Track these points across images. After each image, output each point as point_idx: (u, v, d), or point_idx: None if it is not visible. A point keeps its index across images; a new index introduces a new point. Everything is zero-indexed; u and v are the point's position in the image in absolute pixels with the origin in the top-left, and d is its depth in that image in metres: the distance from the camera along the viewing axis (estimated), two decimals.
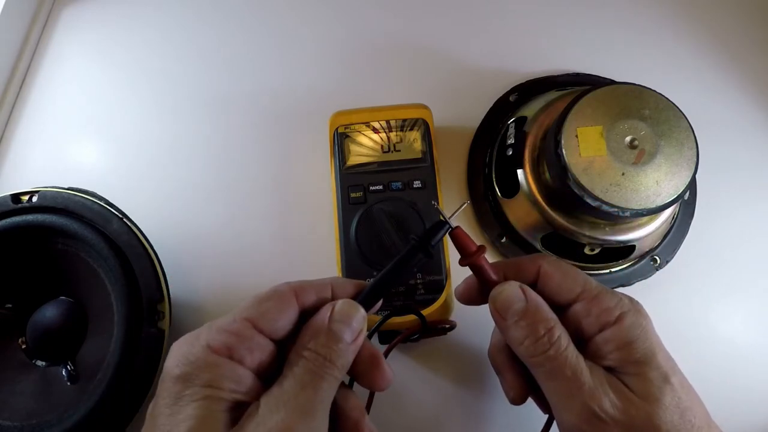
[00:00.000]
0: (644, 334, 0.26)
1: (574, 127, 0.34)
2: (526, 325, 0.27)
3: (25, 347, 0.36)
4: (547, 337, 0.26)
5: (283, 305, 0.26)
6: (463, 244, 0.29)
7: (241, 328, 0.24)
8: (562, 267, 0.29)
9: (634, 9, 0.49)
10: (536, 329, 0.26)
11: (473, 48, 0.47)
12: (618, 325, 0.26)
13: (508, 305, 0.27)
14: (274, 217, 0.43)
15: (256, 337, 0.24)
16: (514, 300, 0.27)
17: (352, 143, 0.39)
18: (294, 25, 0.49)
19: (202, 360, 0.23)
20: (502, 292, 0.28)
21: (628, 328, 0.26)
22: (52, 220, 0.35)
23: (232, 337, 0.24)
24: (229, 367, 0.23)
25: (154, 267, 0.35)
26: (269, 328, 0.25)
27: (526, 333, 0.27)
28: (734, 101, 0.46)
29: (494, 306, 0.28)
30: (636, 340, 0.26)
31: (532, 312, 0.27)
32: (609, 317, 0.27)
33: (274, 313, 0.25)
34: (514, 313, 0.27)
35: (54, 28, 0.50)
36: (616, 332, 0.26)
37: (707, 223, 0.42)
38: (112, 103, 0.47)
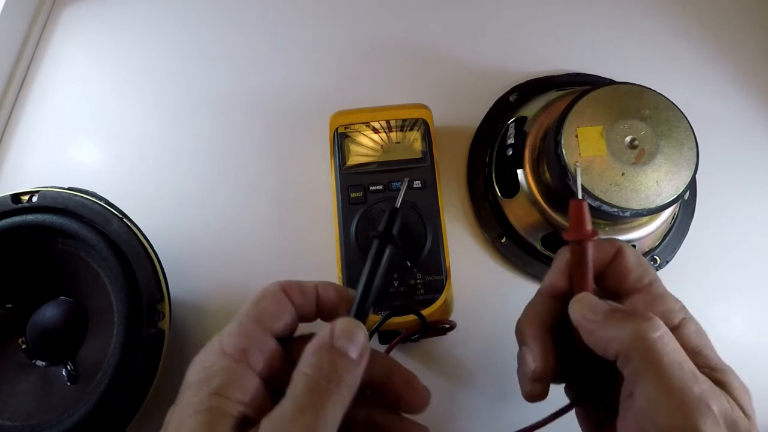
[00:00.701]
0: (710, 345, 0.26)
1: (574, 127, 0.34)
2: (623, 316, 0.24)
3: (25, 347, 0.36)
4: (657, 321, 0.23)
5: (278, 301, 0.25)
6: (583, 221, 0.26)
7: (250, 329, 0.24)
8: (639, 255, 0.28)
9: (634, 9, 0.49)
10: (642, 313, 0.24)
11: (473, 48, 0.48)
12: (683, 329, 0.25)
13: (595, 306, 0.25)
14: (274, 216, 0.43)
15: (263, 336, 0.24)
16: (598, 302, 0.26)
17: (352, 143, 0.39)
18: (294, 25, 0.49)
19: (217, 364, 0.23)
20: (585, 296, 0.26)
21: (695, 333, 0.25)
22: (52, 220, 0.35)
23: (243, 338, 0.24)
24: (240, 372, 0.23)
25: (154, 267, 0.35)
26: (274, 326, 0.25)
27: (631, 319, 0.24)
28: (734, 101, 0.46)
29: (581, 309, 0.26)
30: (706, 346, 0.25)
31: (622, 309, 0.25)
32: (672, 319, 0.25)
33: (273, 308, 0.25)
34: (604, 311, 0.25)
35: (54, 28, 0.51)
36: (685, 336, 0.25)
37: (707, 223, 0.42)
38: (112, 103, 0.47)
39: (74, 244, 0.36)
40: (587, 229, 0.26)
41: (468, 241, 0.42)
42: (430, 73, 0.47)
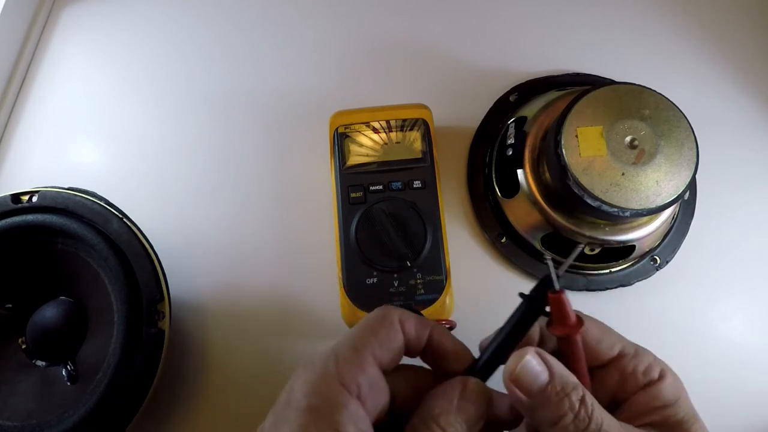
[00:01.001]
0: (685, 394, 0.25)
1: (574, 127, 0.34)
2: (558, 401, 0.23)
3: (25, 347, 0.36)
4: (584, 410, 0.23)
5: (394, 333, 0.24)
6: (566, 313, 0.25)
7: (366, 363, 0.23)
8: (599, 324, 0.27)
9: (634, 9, 0.49)
10: (571, 402, 0.23)
11: (473, 48, 0.48)
12: (661, 382, 0.25)
13: (532, 380, 0.24)
14: (275, 216, 0.43)
15: (377, 373, 0.23)
16: (536, 373, 0.24)
17: (352, 143, 0.39)
18: (294, 25, 0.49)
19: (334, 397, 0.21)
20: (522, 368, 0.24)
21: (671, 386, 0.25)
22: (52, 220, 0.35)
23: (360, 373, 0.22)
24: (356, 412, 0.22)
25: (154, 267, 0.35)
26: (385, 360, 0.23)
27: (560, 410, 0.23)
28: (734, 101, 0.46)
29: (516, 386, 0.24)
30: (679, 399, 0.25)
31: (558, 380, 0.23)
32: (652, 374, 0.25)
33: (388, 341, 0.24)
34: (540, 389, 0.23)
35: (54, 28, 0.51)
36: (661, 390, 0.25)
37: (707, 223, 0.42)
38: (112, 103, 0.47)
39: (74, 244, 0.36)
40: (573, 321, 0.25)
41: (468, 241, 0.42)
42: (430, 73, 0.47)
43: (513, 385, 0.24)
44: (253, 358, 0.40)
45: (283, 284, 0.41)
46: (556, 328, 0.25)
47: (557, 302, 0.25)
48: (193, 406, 0.39)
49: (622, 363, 0.26)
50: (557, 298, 0.24)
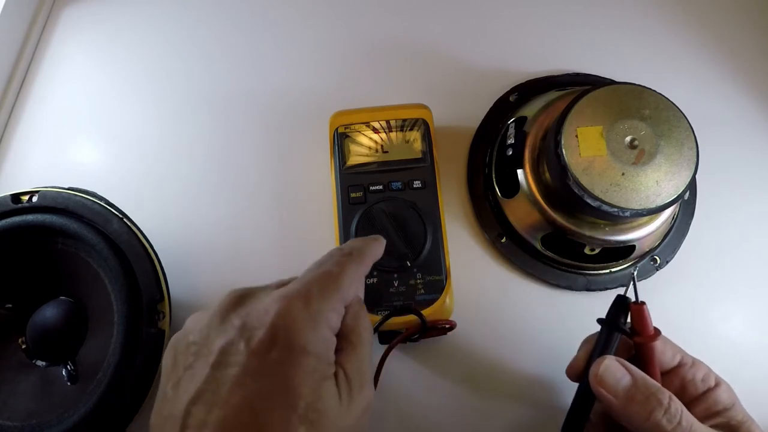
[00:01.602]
0: (738, 400, 0.28)
1: (574, 127, 0.34)
2: (644, 399, 0.26)
3: (25, 347, 0.36)
4: (674, 407, 0.26)
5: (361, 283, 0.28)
6: (643, 324, 0.29)
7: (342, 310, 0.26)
8: (662, 336, 0.30)
9: (634, 9, 0.49)
10: (659, 399, 0.26)
11: (473, 48, 0.47)
12: (718, 389, 0.28)
13: (615, 382, 0.27)
14: (274, 216, 0.43)
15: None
16: (618, 376, 0.27)
17: (352, 143, 0.39)
18: (294, 25, 0.49)
19: (330, 343, 0.24)
20: (604, 371, 0.27)
21: (727, 392, 0.28)
22: (52, 220, 0.35)
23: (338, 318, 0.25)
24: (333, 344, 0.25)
25: (154, 267, 0.35)
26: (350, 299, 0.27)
27: (649, 407, 0.26)
28: (734, 101, 0.46)
29: (602, 386, 0.27)
30: (736, 403, 0.28)
31: (642, 383, 0.27)
32: (710, 382, 0.28)
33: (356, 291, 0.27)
34: (625, 389, 0.27)
35: (54, 28, 0.51)
36: (719, 396, 0.28)
37: (707, 223, 0.42)
38: (112, 103, 0.47)
39: (74, 244, 0.36)
40: (651, 330, 0.28)
41: (468, 241, 0.42)
42: (430, 73, 0.47)
43: (599, 386, 0.27)
44: None
45: None
46: (638, 336, 0.28)
47: (639, 313, 0.28)
48: None
49: (682, 371, 0.29)
50: (639, 309, 0.28)
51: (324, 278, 0.25)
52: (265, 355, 0.22)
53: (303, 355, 0.22)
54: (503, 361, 0.39)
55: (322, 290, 0.24)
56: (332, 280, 0.25)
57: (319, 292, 0.24)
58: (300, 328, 0.23)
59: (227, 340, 0.22)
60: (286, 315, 0.23)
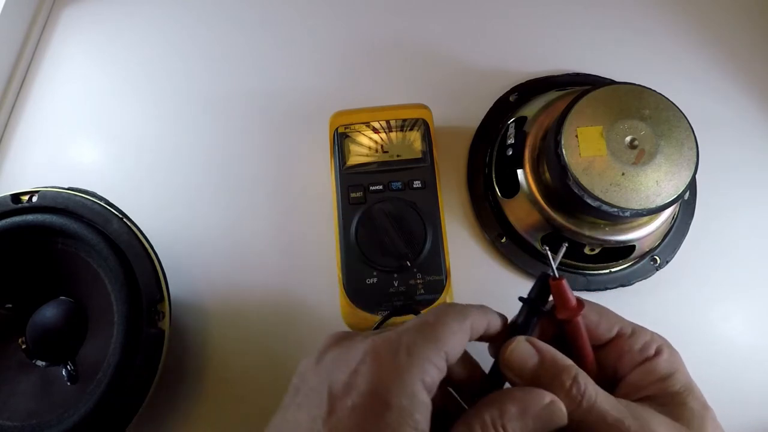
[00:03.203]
0: (681, 367, 0.27)
1: (574, 127, 0.34)
2: (548, 381, 0.25)
3: (25, 347, 0.36)
4: (575, 389, 0.24)
5: (465, 336, 0.25)
6: (564, 299, 0.27)
7: (442, 363, 0.23)
8: (597, 307, 0.28)
9: (634, 9, 0.49)
10: (561, 381, 0.25)
11: (473, 48, 0.47)
12: (657, 358, 0.27)
13: (521, 363, 0.26)
14: (274, 216, 0.43)
15: (444, 371, 0.24)
16: (526, 357, 0.26)
17: (352, 143, 0.39)
18: (294, 25, 0.49)
19: (415, 399, 0.22)
20: (511, 353, 0.26)
21: (667, 360, 0.27)
22: (52, 220, 0.35)
23: (436, 373, 0.23)
24: (428, 404, 0.22)
25: (154, 267, 0.35)
26: (453, 359, 0.24)
27: (552, 389, 0.25)
28: (734, 101, 0.46)
29: (509, 368, 0.26)
30: (675, 372, 0.26)
31: (549, 363, 0.25)
32: (648, 351, 0.27)
33: (459, 345, 0.24)
34: (531, 372, 0.26)
35: (54, 28, 0.51)
36: (657, 365, 0.27)
37: (707, 223, 0.42)
38: (112, 103, 0.47)
39: (74, 244, 0.36)
40: (573, 304, 0.27)
41: (468, 241, 0.42)
42: (430, 73, 0.47)
43: (506, 369, 0.26)
44: (252, 357, 0.40)
45: (283, 284, 0.41)
46: (560, 312, 0.27)
47: (558, 288, 0.27)
48: (193, 406, 0.39)
49: (619, 343, 0.27)
50: (558, 285, 0.27)
51: (419, 326, 0.24)
52: (342, 400, 0.22)
53: (381, 406, 0.21)
54: None
55: (415, 339, 0.23)
56: (428, 328, 0.23)
57: (411, 340, 0.23)
58: (382, 376, 0.22)
59: (317, 381, 0.23)
60: (369, 361, 0.22)
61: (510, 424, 0.23)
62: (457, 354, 0.24)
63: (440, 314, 0.25)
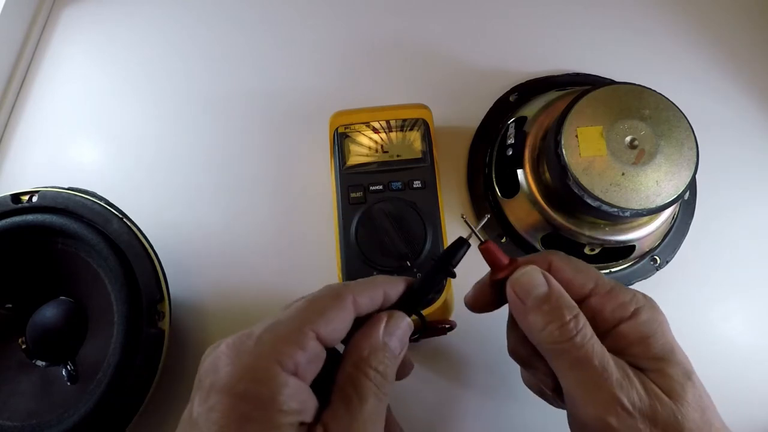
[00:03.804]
0: (661, 329, 0.25)
1: (574, 127, 0.34)
2: (549, 310, 0.25)
3: (25, 347, 0.36)
4: (573, 323, 0.24)
5: (344, 312, 0.24)
6: (494, 259, 0.27)
7: (307, 341, 0.22)
8: (573, 262, 0.28)
9: (634, 9, 0.49)
10: (561, 314, 0.25)
11: (473, 48, 0.48)
12: (634, 319, 0.25)
13: (530, 288, 0.26)
14: (274, 216, 0.43)
15: (318, 349, 0.23)
16: (536, 284, 0.26)
17: (352, 143, 0.39)
18: (294, 25, 0.49)
19: (274, 381, 0.21)
20: (523, 275, 0.26)
21: (645, 322, 0.25)
22: (52, 220, 0.35)
23: (299, 352, 0.22)
24: (296, 388, 0.21)
25: (154, 267, 0.35)
26: (329, 338, 0.23)
27: (549, 318, 0.25)
28: (734, 101, 0.46)
29: (514, 289, 0.26)
30: (653, 335, 0.25)
31: (556, 297, 0.25)
32: (624, 312, 0.26)
33: (336, 321, 0.23)
34: (536, 298, 0.25)
35: (54, 28, 0.51)
36: (633, 327, 0.25)
37: (707, 223, 0.42)
38: (112, 103, 0.47)
39: (74, 244, 0.36)
40: (506, 262, 0.27)
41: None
42: (430, 73, 0.47)
43: (512, 289, 0.26)
44: None
45: (283, 284, 0.41)
46: (496, 273, 0.27)
47: (488, 250, 0.27)
48: None
49: (594, 301, 0.26)
50: (486, 247, 0.27)
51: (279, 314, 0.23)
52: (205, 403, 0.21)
53: (238, 397, 0.20)
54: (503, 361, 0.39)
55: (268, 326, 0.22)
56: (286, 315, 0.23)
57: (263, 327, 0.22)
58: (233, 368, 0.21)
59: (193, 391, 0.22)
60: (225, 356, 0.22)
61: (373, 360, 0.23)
62: (337, 331, 0.23)
63: (308, 299, 0.24)
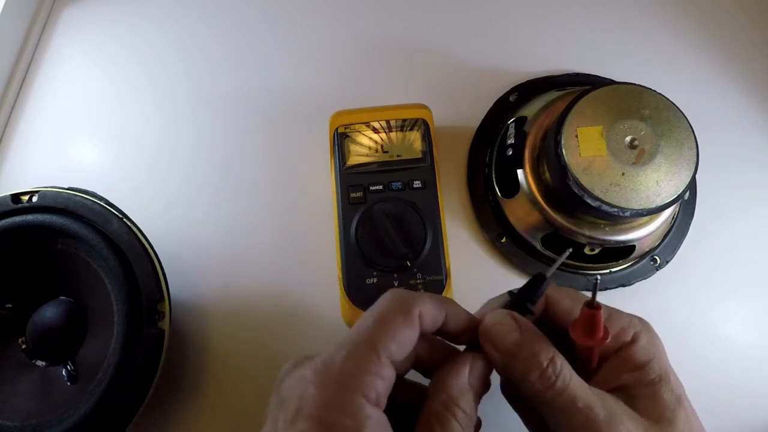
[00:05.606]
0: (658, 354, 0.26)
1: (574, 127, 0.34)
2: (525, 358, 0.24)
3: (25, 347, 0.36)
4: (551, 369, 0.24)
5: (412, 332, 0.23)
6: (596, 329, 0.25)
7: (386, 370, 0.22)
8: (569, 292, 0.27)
9: (634, 9, 0.49)
10: (538, 361, 0.24)
11: (473, 48, 0.48)
12: (634, 345, 0.26)
13: (502, 338, 0.25)
14: (274, 216, 0.43)
15: (393, 374, 0.23)
16: (507, 332, 0.25)
17: (352, 143, 0.39)
18: (294, 25, 0.49)
19: (359, 414, 0.21)
20: (495, 323, 0.25)
21: (644, 347, 0.26)
22: (52, 220, 0.35)
23: (380, 381, 0.22)
24: (378, 420, 0.21)
25: (154, 267, 0.35)
26: (399, 360, 0.23)
27: (527, 366, 0.24)
28: (734, 101, 0.46)
29: (487, 341, 0.25)
30: (651, 360, 0.25)
31: (529, 342, 0.25)
32: (625, 337, 0.26)
33: (407, 343, 0.23)
34: (510, 347, 0.25)
35: (54, 28, 0.50)
36: (633, 352, 0.25)
37: (707, 223, 0.42)
38: (112, 103, 0.47)
39: (74, 244, 0.36)
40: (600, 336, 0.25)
41: (468, 241, 0.42)
42: (430, 73, 0.47)
43: (484, 339, 0.26)
44: (252, 357, 0.40)
45: (283, 284, 0.41)
46: (581, 337, 0.25)
47: (591, 318, 0.24)
48: (193, 406, 0.39)
49: None
50: (593, 314, 0.24)
51: (357, 336, 0.23)
52: (291, 426, 0.21)
53: (316, 425, 0.21)
54: None
55: (350, 353, 0.22)
56: (365, 338, 0.23)
57: (347, 355, 0.22)
58: (324, 399, 0.21)
59: (273, 408, 0.23)
60: (311, 385, 0.22)
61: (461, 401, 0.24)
62: (404, 352, 0.23)
63: (379, 316, 0.23)
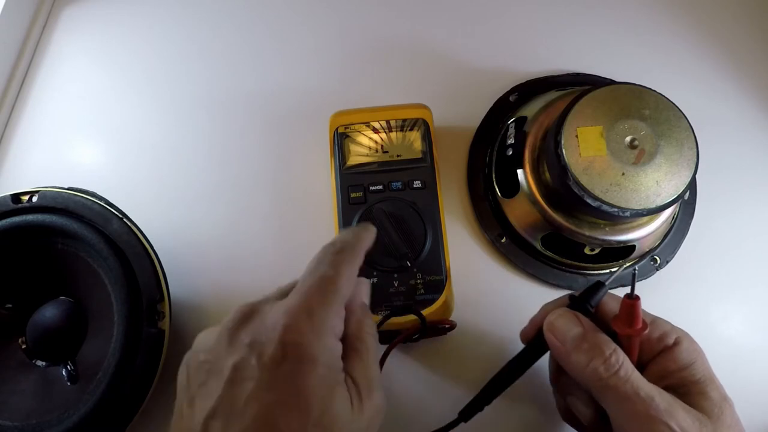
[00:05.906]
0: (701, 358, 0.28)
1: (574, 127, 0.34)
2: (589, 348, 0.27)
3: (25, 347, 0.36)
4: (614, 357, 0.27)
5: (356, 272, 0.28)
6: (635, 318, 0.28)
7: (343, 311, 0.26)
8: (615, 298, 0.30)
9: (635, 9, 0.49)
10: (601, 350, 0.27)
11: (473, 48, 0.47)
12: (677, 347, 0.28)
13: (566, 330, 0.28)
14: (274, 216, 0.43)
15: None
16: (570, 325, 0.28)
17: (352, 143, 0.39)
18: (294, 25, 0.49)
19: (335, 348, 0.25)
20: (557, 319, 0.29)
21: (687, 350, 0.28)
22: (52, 220, 0.35)
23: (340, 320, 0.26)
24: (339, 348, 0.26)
25: (154, 267, 0.35)
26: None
27: (591, 355, 0.27)
28: (734, 101, 0.46)
29: (553, 333, 0.29)
30: (694, 362, 0.28)
31: (592, 335, 0.28)
32: (668, 340, 0.28)
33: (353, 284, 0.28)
34: (574, 338, 0.28)
35: (54, 28, 0.50)
36: (677, 354, 0.28)
37: (707, 223, 0.42)
38: (112, 103, 0.47)
39: (74, 244, 0.36)
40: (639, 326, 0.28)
41: (468, 241, 0.42)
42: (430, 73, 0.47)
43: (550, 332, 0.29)
44: None
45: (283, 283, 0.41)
46: (622, 327, 0.28)
47: (633, 307, 0.28)
48: None
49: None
50: (632, 305, 0.28)
51: (321, 284, 0.26)
52: (277, 369, 0.23)
53: (313, 365, 0.23)
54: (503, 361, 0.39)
55: (322, 298, 0.25)
56: (330, 285, 0.26)
57: (319, 301, 0.25)
58: (307, 340, 0.24)
59: (239, 358, 0.23)
60: (292, 329, 0.24)
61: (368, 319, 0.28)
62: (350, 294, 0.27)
63: (338, 264, 0.26)
